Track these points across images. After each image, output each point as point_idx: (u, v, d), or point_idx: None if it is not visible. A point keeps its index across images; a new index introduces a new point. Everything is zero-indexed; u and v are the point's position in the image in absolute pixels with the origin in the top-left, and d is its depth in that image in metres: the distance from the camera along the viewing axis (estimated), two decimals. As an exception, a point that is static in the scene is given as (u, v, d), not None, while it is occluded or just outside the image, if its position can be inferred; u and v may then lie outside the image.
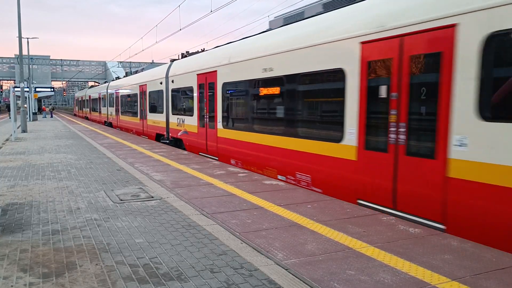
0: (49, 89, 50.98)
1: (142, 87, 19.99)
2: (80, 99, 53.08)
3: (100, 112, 37.03)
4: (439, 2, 5.30)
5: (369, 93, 6.34)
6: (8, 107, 53.17)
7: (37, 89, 45.73)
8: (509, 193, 4.50)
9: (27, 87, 35.40)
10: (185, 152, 12.63)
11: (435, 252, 4.21)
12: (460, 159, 5.02)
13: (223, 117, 11.18)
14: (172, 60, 16.82)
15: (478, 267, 3.84)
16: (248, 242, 4.53)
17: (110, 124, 32.06)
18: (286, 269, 3.79)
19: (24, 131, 22.61)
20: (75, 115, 59.31)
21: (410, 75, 5.66)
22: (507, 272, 3.72)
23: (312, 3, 8.95)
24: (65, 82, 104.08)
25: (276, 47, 8.69)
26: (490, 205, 4.68)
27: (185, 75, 14.05)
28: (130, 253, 4.21)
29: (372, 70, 6.25)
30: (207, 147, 12.24)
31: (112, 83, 31.37)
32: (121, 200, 6.55)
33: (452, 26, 5.05)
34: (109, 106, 31.73)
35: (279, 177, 8.69)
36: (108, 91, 31.21)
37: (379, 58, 6.15)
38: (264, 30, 10.28)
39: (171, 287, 3.44)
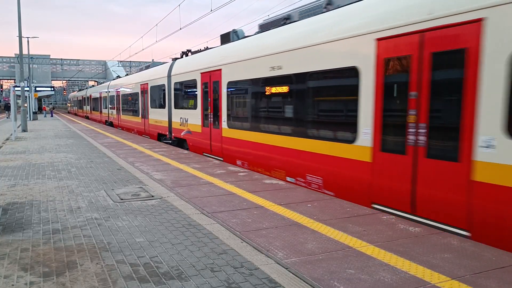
0: (49, 89, 50.97)
1: (143, 86, 19.67)
2: (79, 98, 54.12)
3: (101, 112, 37.22)
4: None
5: (386, 92, 6.07)
6: (6, 106, 53.20)
7: (37, 89, 45.76)
8: None
9: (27, 87, 35.40)
10: (186, 152, 12.64)
11: (435, 251, 4.21)
12: (487, 161, 4.71)
13: (228, 116, 11.04)
14: (175, 59, 16.30)
15: (478, 266, 3.85)
16: (248, 241, 4.54)
17: (111, 124, 32.12)
18: (286, 268, 3.80)
19: (24, 130, 22.62)
20: (69, 112, 69.49)
21: (431, 73, 5.34)
22: (507, 271, 3.73)
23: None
24: (65, 81, 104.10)
25: (285, 44, 8.48)
26: None
27: (188, 73, 13.96)
28: (130, 252, 4.22)
29: (389, 68, 5.98)
30: (211, 147, 12.06)
31: (112, 82, 31.40)
32: (122, 199, 6.56)
33: (479, 20, 4.76)
34: (110, 106, 31.84)
35: (288, 179, 8.41)
36: (109, 90, 31.23)
37: (397, 55, 5.86)
38: (280, 24, 9.67)
39: (171, 286, 3.44)
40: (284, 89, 8.63)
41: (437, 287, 3.42)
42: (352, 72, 6.69)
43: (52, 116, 48.37)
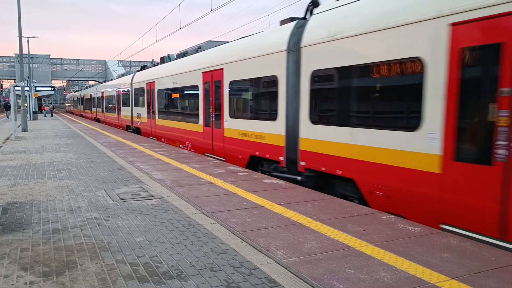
0: (49, 88, 50.99)
1: (118, 91, 25.99)
2: (75, 99, 56.65)
3: (91, 110, 39.83)
4: None
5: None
6: (6, 106, 53.22)
7: (37, 88, 45.77)
8: None
9: (28, 86, 35.40)
10: (185, 151, 12.64)
11: (435, 251, 4.22)
12: None
13: (153, 112, 15.32)
14: (135, 72, 23.68)
15: (478, 265, 3.85)
16: (248, 241, 4.54)
17: (98, 120, 34.25)
18: (286, 268, 3.80)
19: (24, 130, 22.62)
20: (66, 111, 73.70)
21: None
22: (506, 271, 3.73)
23: None
24: (65, 81, 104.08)
25: (179, 69, 11.33)
26: None
27: (140, 82, 20.08)
28: (130, 252, 4.22)
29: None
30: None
31: (99, 86, 34.46)
32: (122, 199, 6.56)
33: None
34: (97, 105, 34.66)
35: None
36: (97, 92, 33.62)
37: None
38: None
39: (171, 286, 3.45)
40: (176, 95, 15.19)
41: (437, 286, 3.42)
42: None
43: (52, 115, 48.42)
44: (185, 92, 14.26)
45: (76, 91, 62.03)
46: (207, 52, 12.68)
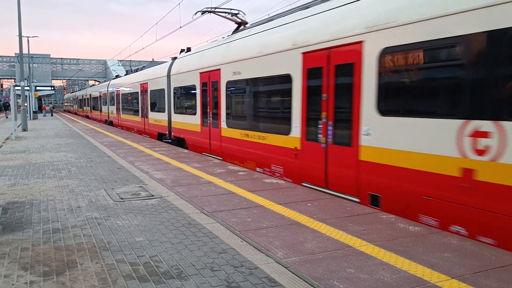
0: (49, 88, 51.01)
1: (101, 93, 33.60)
2: (72, 99, 60.77)
3: (83, 109, 45.44)
4: None
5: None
6: (4, 106, 53.20)
7: (37, 88, 45.78)
8: None
9: (28, 86, 35.40)
10: (186, 151, 12.64)
11: (435, 250, 4.22)
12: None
13: (116, 110, 18.27)
14: (111, 79, 29.38)
15: (478, 265, 3.85)
16: (248, 240, 4.54)
17: (87, 116, 38.50)
18: (286, 268, 3.80)
19: (24, 129, 22.62)
20: (64, 110, 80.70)
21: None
22: (507, 270, 3.73)
23: None
24: (65, 80, 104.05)
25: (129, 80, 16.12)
26: None
27: (116, 86, 26.74)
28: (130, 252, 4.22)
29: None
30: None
31: (89, 89, 39.63)
32: (122, 198, 6.56)
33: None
34: (87, 105, 40.55)
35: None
36: (87, 94, 39.91)
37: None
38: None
39: (171, 286, 3.45)
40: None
41: (437, 286, 3.42)
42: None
43: (52, 115, 48.42)
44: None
45: (73, 91, 64.84)
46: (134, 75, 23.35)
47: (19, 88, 26.86)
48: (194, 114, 13.16)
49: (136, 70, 24.30)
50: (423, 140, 5.40)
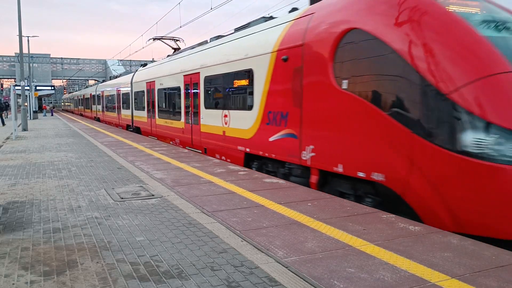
0: (49, 88, 51.03)
1: (90, 95, 41.10)
2: (69, 99, 66.48)
3: (78, 108, 51.98)
4: None
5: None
6: (5, 105, 53.17)
7: (37, 88, 45.81)
8: None
9: (28, 86, 35.41)
10: (186, 151, 12.66)
11: (435, 250, 4.22)
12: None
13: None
14: (98, 83, 32.51)
15: (478, 264, 3.85)
16: (248, 240, 4.55)
17: (81, 114, 43.44)
18: (286, 267, 3.80)
19: (24, 129, 22.62)
20: (62, 110, 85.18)
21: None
22: (507, 270, 3.73)
23: None
24: (65, 80, 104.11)
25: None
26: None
27: (104, 89, 32.33)
28: (131, 251, 4.23)
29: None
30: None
31: (82, 91, 45.66)
32: (122, 198, 6.56)
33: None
34: (81, 104, 47.88)
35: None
36: (81, 94, 45.88)
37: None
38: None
39: (171, 285, 3.45)
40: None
41: (437, 286, 3.43)
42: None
43: (52, 115, 48.44)
44: None
45: (70, 92, 70.96)
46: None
47: (19, 88, 26.87)
48: (144, 109, 19.92)
49: (115, 77, 31.67)
50: (215, 119, 11.68)
